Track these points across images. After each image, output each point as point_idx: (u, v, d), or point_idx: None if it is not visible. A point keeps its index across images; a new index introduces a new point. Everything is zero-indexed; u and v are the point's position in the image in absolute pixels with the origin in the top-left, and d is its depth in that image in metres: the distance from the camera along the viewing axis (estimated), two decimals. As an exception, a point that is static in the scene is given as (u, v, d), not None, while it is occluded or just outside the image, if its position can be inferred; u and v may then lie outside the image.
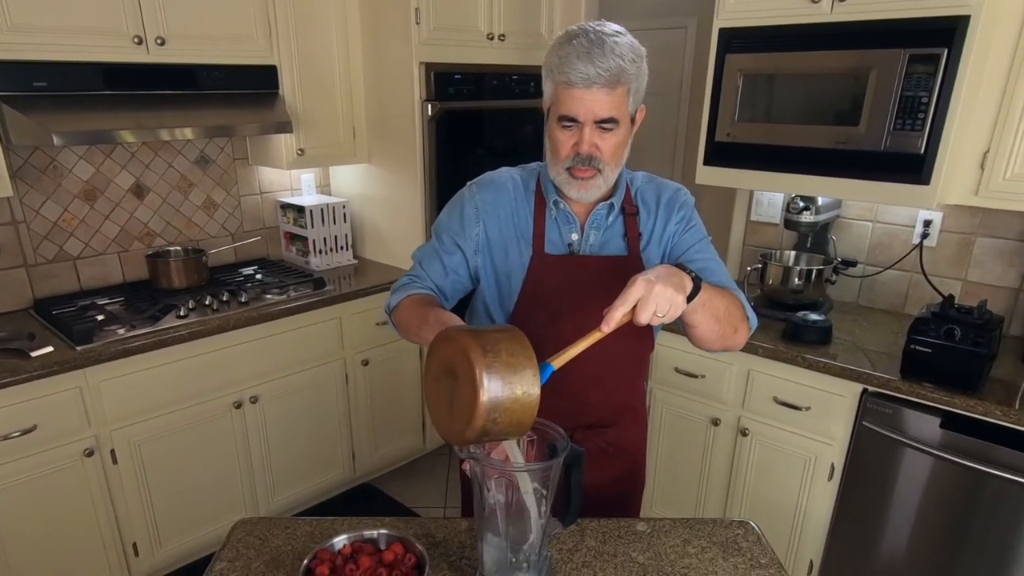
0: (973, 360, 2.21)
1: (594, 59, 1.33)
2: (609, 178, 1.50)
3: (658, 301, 1.18)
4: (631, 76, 1.38)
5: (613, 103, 1.38)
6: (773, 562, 1.50)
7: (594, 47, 1.33)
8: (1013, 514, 2.20)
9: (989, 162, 2.32)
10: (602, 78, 1.34)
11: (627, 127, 1.46)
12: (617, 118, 1.41)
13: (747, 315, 1.55)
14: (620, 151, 1.48)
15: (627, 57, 1.35)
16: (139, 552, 2.79)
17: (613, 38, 1.36)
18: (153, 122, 2.68)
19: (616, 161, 1.48)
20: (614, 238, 1.60)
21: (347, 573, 1.29)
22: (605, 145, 1.43)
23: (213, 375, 2.85)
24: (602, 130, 1.42)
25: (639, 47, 1.41)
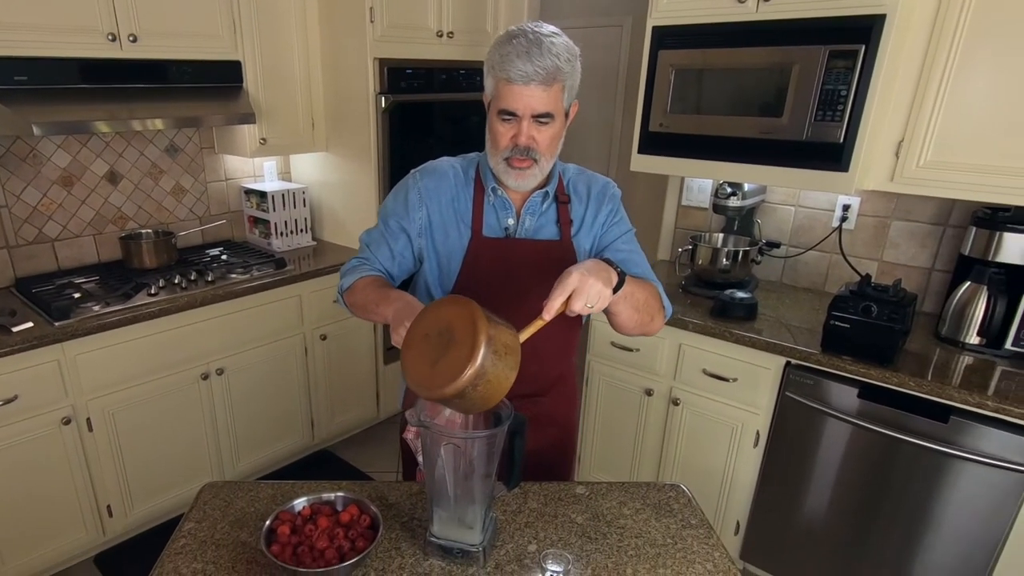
0: (888, 335, 2.25)
1: (532, 58, 1.40)
2: (544, 168, 1.55)
3: (589, 293, 1.26)
4: (566, 74, 1.45)
5: (549, 99, 1.45)
6: (703, 523, 1.54)
7: (532, 47, 1.40)
8: (925, 478, 2.23)
9: (903, 151, 2.36)
10: (539, 76, 1.41)
11: (562, 121, 1.52)
12: (553, 113, 1.47)
13: (663, 305, 1.63)
14: (555, 143, 1.54)
15: (563, 57, 1.43)
16: (113, 513, 2.85)
17: (550, 39, 1.43)
18: (126, 113, 2.73)
19: (551, 152, 1.55)
20: (548, 224, 1.65)
21: (307, 533, 1.33)
22: (541, 137, 1.50)
23: (182, 349, 2.89)
24: (539, 123, 1.48)
25: (573, 47, 1.49)
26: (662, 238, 3.53)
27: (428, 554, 1.39)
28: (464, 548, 1.36)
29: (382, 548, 1.41)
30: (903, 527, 2.34)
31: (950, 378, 2.21)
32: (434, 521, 1.38)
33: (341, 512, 1.41)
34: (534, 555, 1.41)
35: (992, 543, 2.18)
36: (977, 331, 2.39)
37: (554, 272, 1.39)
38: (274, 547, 1.30)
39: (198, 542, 1.44)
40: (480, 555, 1.37)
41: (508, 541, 1.45)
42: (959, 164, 2.28)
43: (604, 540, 1.47)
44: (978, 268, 2.38)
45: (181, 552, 1.41)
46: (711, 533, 1.52)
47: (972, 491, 2.17)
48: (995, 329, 2.37)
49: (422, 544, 1.41)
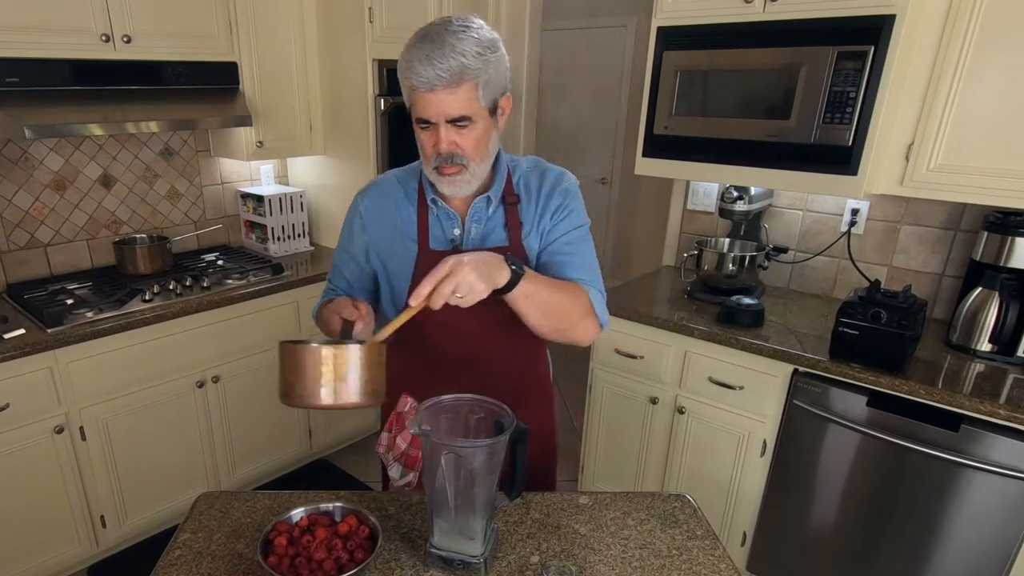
0: (898, 342, 2.24)
1: (434, 62, 1.33)
2: (477, 171, 1.49)
3: (459, 282, 1.24)
4: (476, 71, 1.36)
5: (460, 101, 1.38)
6: (708, 533, 1.54)
7: (435, 49, 1.33)
8: (935, 488, 2.22)
9: (913, 154, 2.35)
10: (443, 79, 1.34)
11: (485, 120, 1.45)
12: (468, 115, 1.40)
13: (594, 313, 1.59)
14: (482, 145, 1.47)
15: (470, 53, 1.34)
16: (106, 524, 2.88)
17: (456, 35, 1.35)
18: (120, 116, 2.75)
19: (480, 155, 1.48)
20: (496, 229, 1.58)
21: (304, 544, 1.32)
22: (464, 141, 1.44)
23: (177, 356, 2.90)
24: (457, 127, 1.42)
25: (486, 39, 1.39)
26: (667, 243, 3.53)
27: (428, 565, 1.39)
28: (465, 559, 1.36)
29: (381, 559, 1.41)
30: (913, 538, 2.33)
31: (961, 386, 2.20)
32: (434, 532, 1.38)
33: (339, 523, 1.41)
34: (537, 567, 1.41)
35: (1004, 554, 2.18)
36: (989, 338, 2.39)
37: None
38: (271, 559, 1.30)
39: (193, 553, 1.44)
40: (481, 566, 1.37)
41: (510, 552, 1.45)
42: (970, 167, 2.27)
43: (608, 551, 1.47)
44: (990, 274, 2.37)
45: (176, 563, 1.41)
46: (717, 544, 1.52)
47: (983, 501, 2.17)
48: (1007, 336, 2.37)
49: (422, 555, 1.41)
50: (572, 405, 4.49)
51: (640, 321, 2.81)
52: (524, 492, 1.52)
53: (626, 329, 2.87)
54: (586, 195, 1.71)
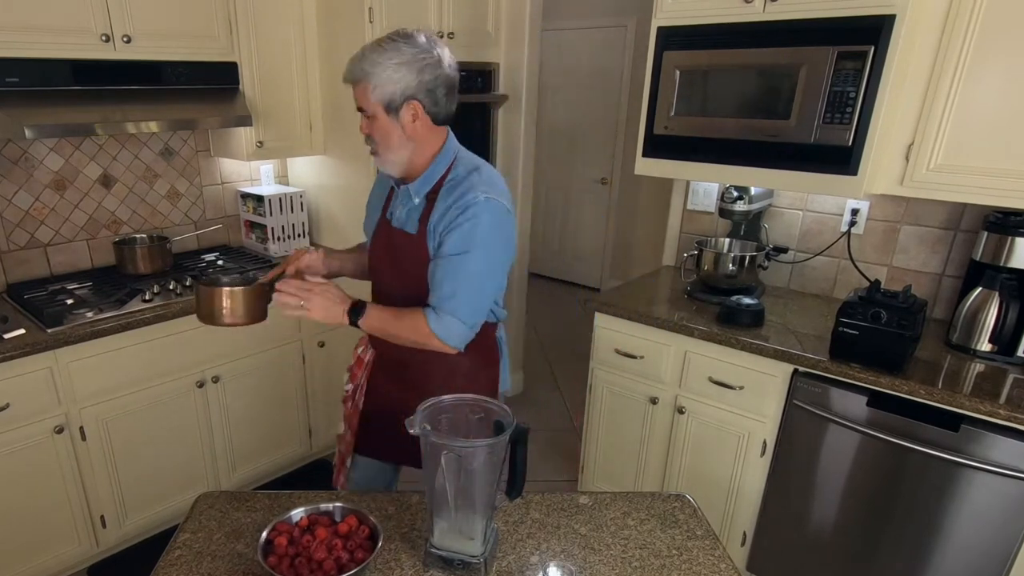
0: (898, 342, 2.24)
1: (351, 61, 1.72)
2: (388, 159, 1.81)
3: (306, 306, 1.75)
4: (368, 75, 1.69)
5: (359, 96, 1.74)
6: (708, 533, 1.55)
7: (358, 52, 1.71)
8: (935, 488, 2.23)
9: (913, 154, 2.36)
10: (349, 76, 1.73)
11: (384, 119, 1.74)
12: (365, 109, 1.74)
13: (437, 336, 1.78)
14: (387, 138, 1.76)
15: (372, 59, 1.68)
16: (107, 524, 2.86)
17: (375, 44, 1.70)
18: (120, 116, 2.73)
19: (386, 146, 1.78)
20: (413, 219, 1.85)
21: (304, 544, 1.34)
22: (371, 130, 1.78)
23: (177, 356, 2.89)
24: (365, 116, 1.76)
25: (405, 51, 1.68)
26: (667, 243, 3.53)
27: (428, 565, 1.40)
28: (465, 559, 1.37)
29: (381, 559, 1.42)
30: (913, 538, 2.34)
31: (961, 386, 2.21)
32: (434, 532, 1.39)
33: (340, 523, 1.42)
34: (536, 566, 1.42)
35: (1004, 554, 2.18)
36: (989, 338, 2.39)
37: (408, 263, 1.86)
38: (271, 559, 1.31)
39: (193, 553, 1.45)
40: (481, 566, 1.37)
41: (510, 552, 1.46)
42: (970, 167, 2.28)
43: (608, 551, 1.48)
44: (990, 274, 2.37)
45: (176, 564, 1.42)
46: (717, 544, 1.53)
47: (983, 501, 2.17)
48: (1007, 336, 2.37)
49: (422, 555, 1.42)
50: (572, 405, 4.49)
51: (640, 321, 2.81)
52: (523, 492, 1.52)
53: (626, 329, 2.88)
54: (586, 195, 1.75)
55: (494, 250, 1.81)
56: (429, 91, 1.73)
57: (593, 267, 6.91)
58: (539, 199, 6.84)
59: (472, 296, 1.79)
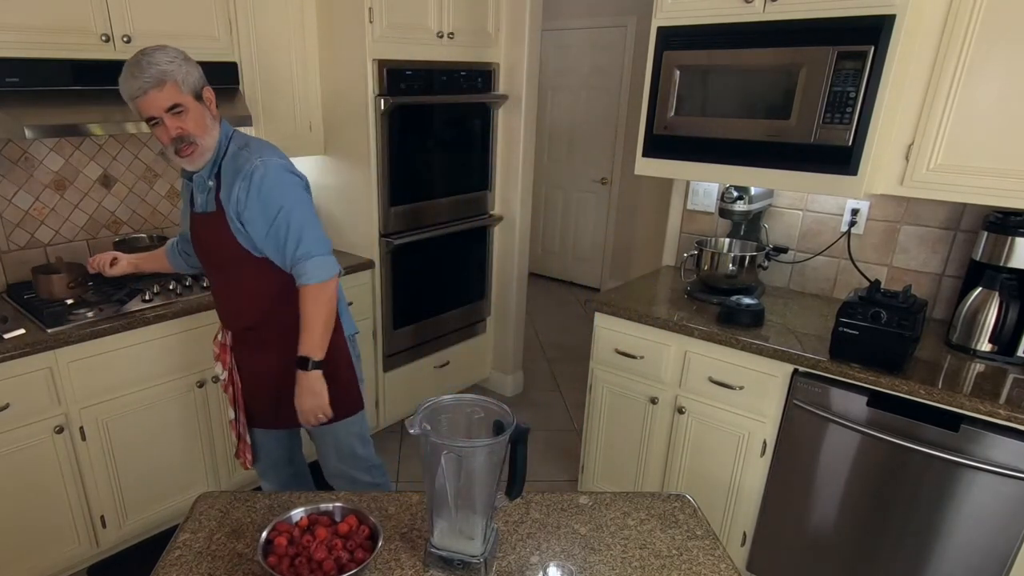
0: (898, 342, 2.24)
1: (137, 75, 1.81)
2: (206, 144, 1.97)
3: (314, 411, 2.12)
4: (172, 73, 1.84)
5: (167, 95, 1.85)
6: (708, 533, 1.55)
7: (135, 68, 1.81)
8: (935, 488, 2.23)
9: (913, 154, 2.36)
10: (150, 83, 1.81)
11: (196, 106, 1.92)
12: (179, 103, 1.87)
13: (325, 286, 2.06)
14: (202, 123, 1.94)
15: (163, 61, 1.83)
16: (107, 524, 2.86)
17: (149, 55, 1.83)
18: (120, 116, 2.71)
19: (202, 130, 1.94)
20: (211, 199, 2.05)
21: (304, 544, 1.34)
22: (185, 124, 1.90)
23: (177, 356, 2.89)
24: (175, 115, 1.88)
25: (173, 51, 1.88)
26: (667, 243, 3.53)
27: (428, 565, 1.40)
28: (465, 559, 1.37)
29: (381, 559, 1.42)
30: (913, 538, 2.34)
31: (961, 386, 2.20)
32: (434, 532, 1.39)
33: (340, 523, 1.42)
34: (536, 567, 1.42)
35: (1004, 554, 2.18)
36: (989, 338, 2.39)
37: (214, 239, 2.07)
38: (271, 558, 1.31)
39: (193, 553, 1.45)
40: (481, 566, 1.37)
41: (510, 552, 1.46)
42: (971, 168, 2.28)
43: (608, 551, 1.48)
44: (990, 274, 2.37)
45: (176, 563, 1.42)
46: (717, 544, 1.53)
47: (983, 501, 2.17)
48: (1007, 336, 2.37)
49: (422, 555, 1.42)
50: (572, 405, 4.49)
51: (640, 321, 2.81)
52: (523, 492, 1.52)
53: (626, 329, 2.88)
54: (586, 195, 1.75)
55: (297, 193, 2.03)
56: (207, 80, 1.99)
57: (593, 267, 6.90)
58: (539, 199, 6.85)
59: (311, 233, 2.03)
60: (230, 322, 2.26)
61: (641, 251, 6.31)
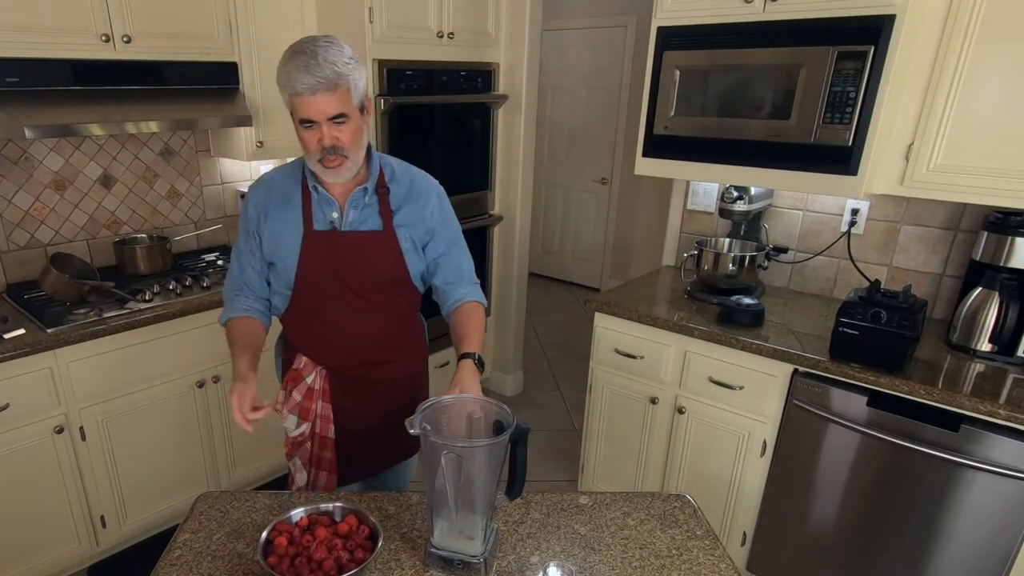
0: (898, 342, 2.24)
1: (312, 71, 1.58)
2: (356, 159, 1.75)
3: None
4: (347, 77, 1.63)
5: (338, 101, 1.63)
6: (708, 533, 1.55)
7: (311, 60, 1.59)
8: (935, 488, 2.23)
9: (913, 154, 2.36)
10: (323, 84, 1.59)
11: (358, 117, 1.71)
12: (345, 112, 1.66)
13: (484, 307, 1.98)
14: (359, 137, 1.73)
15: (340, 62, 1.62)
16: (107, 524, 2.86)
17: (325, 50, 1.61)
18: (120, 116, 2.73)
19: (356, 145, 1.73)
20: (371, 216, 1.85)
21: (304, 544, 1.34)
22: (343, 135, 1.69)
23: (177, 356, 2.89)
24: (336, 124, 1.66)
25: (349, 52, 1.67)
26: (667, 243, 3.53)
27: (428, 565, 1.40)
28: (465, 559, 1.37)
29: (381, 559, 1.42)
30: (913, 538, 2.34)
31: (961, 386, 2.20)
32: (435, 532, 1.39)
33: (340, 523, 1.42)
34: (537, 566, 1.42)
35: (1004, 554, 2.18)
36: (988, 338, 2.39)
37: (378, 260, 1.85)
38: (271, 558, 1.31)
39: (193, 553, 1.45)
40: (481, 566, 1.37)
41: (510, 552, 1.46)
42: (970, 168, 2.28)
43: (608, 551, 1.48)
44: (990, 274, 2.37)
45: (176, 564, 1.42)
46: (717, 544, 1.53)
47: (983, 501, 2.17)
48: (1007, 336, 2.37)
49: (422, 555, 1.42)
50: (572, 405, 4.49)
51: (640, 321, 2.81)
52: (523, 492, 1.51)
53: (626, 329, 2.88)
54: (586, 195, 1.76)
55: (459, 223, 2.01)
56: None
57: (593, 267, 6.90)
58: (539, 199, 6.84)
59: (469, 256, 2.03)
60: (352, 356, 1.96)
61: (641, 251, 6.31)
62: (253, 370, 1.81)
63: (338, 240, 1.84)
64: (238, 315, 1.96)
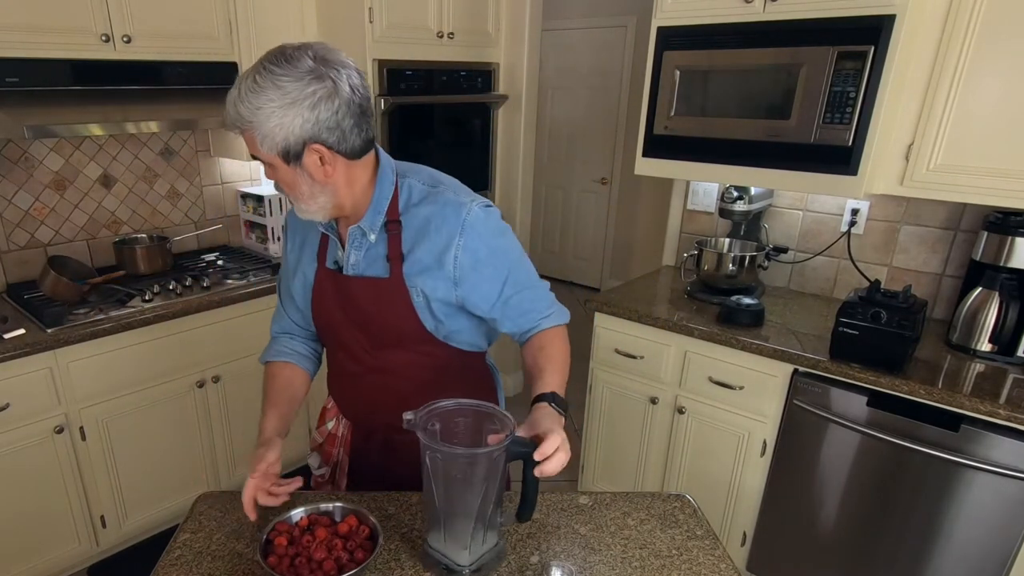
0: (898, 342, 2.24)
1: (227, 107, 1.29)
2: (305, 207, 1.39)
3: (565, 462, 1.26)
4: (249, 124, 1.27)
5: (248, 144, 1.32)
6: (708, 533, 1.53)
7: (232, 90, 1.28)
8: (935, 488, 2.23)
9: (913, 154, 2.36)
10: (228, 124, 1.30)
11: (284, 168, 1.33)
12: (258, 157, 1.33)
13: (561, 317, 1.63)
14: (295, 188, 1.36)
15: (245, 104, 1.25)
16: (107, 524, 2.87)
17: (251, 79, 1.26)
18: (120, 116, 2.73)
19: (295, 194, 1.38)
20: (377, 259, 1.50)
21: (304, 544, 1.33)
22: (276, 178, 1.37)
23: (177, 356, 2.89)
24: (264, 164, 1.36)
25: (262, 94, 1.24)
26: (667, 243, 3.53)
27: (423, 563, 1.39)
28: (451, 566, 1.34)
29: (381, 559, 1.41)
30: (913, 538, 2.34)
31: (961, 386, 2.20)
32: (429, 531, 1.38)
33: (339, 523, 1.42)
34: (537, 567, 1.41)
35: (1004, 554, 2.18)
36: (989, 338, 2.39)
37: (391, 313, 1.51)
38: (271, 558, 1.31)
39: (193, 553, 1.44)
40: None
41: (510, 552, 1.45)
42: (971, 168, 2.28)
43: (608, 551, 1.47)
44: (990, 274, 2.37)
45: (176, 563, 1.41)
46: (717, 544, 1.52)
47: (983, 501, 2.17)
48: (1007, 336, 2.37)
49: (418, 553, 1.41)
50: (572, 405, 4.48)
51: (640, 321, 2.81)
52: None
53: (626, 329, 2.88)
54: (586, 195, 1.70)
55: (517, 246, 1.58)
56: (331, 128, 1.30)
57: (593, 267, 6.90)
58: (539, 199, 6.83)
59: (540, 287, 1.62)
60: (375, 417, 1.69)
61: (641, 251, 6.30)
62: (280, 434, 1.57)
63: (343, 283, 1.56)
64: (276, 358, 1.73)
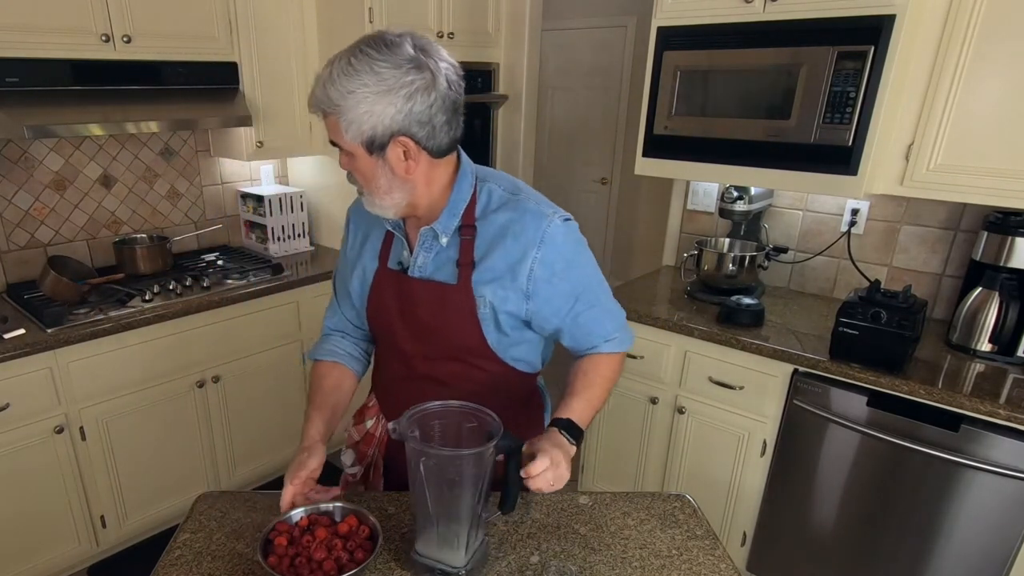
0: (898, 342, 2.24)
1: (316, 87, 1.27)
2: (379, 201, 1.37)
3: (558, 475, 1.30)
4: (336, 108, 1.25)
5: (331, 129, 1.29)
6: (708, 533, 1.53)
7: (324, 74, 1.27)
8: (935, 488, 2.23)
9: (913, 154, 2.36)
10: (313, 104, 1.29)
11: (365, 158, 1.30)
12: (339, 144, 1.31)
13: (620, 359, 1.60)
14: (369, 180, 1.34)
15: (336, 88, 1.23)
16: (106, 524, 2.87)
17: (345, 62, 1.24)
18: (120, 116, 2.73)
19: (371, 187, 1.35)
20: (446, 263, 1.45)
21: (304, 544, 1.32)
22: (352, 167, 1.34)
23: (177, 356, 2.90)
24: (343, 152, 1.33)
25: (356, 78, 1.23)
26: (667, 243, 3.53)
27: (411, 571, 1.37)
28: (445, 569, 1.34)
29: (381, 559, 1.41)
30: (913, 538, 2.34)
31: (961, 386, 2.20)
32: (418, 538, 1.37)
33: (339, 523, 1.41)
34: (537, 567, 1.41)
35: (1004, 554, 2.18)
36: (989, 338, 2.39)
37: (451, 322, 1.47)
38: (271, 558, 1.30)
39: (193, 553, 1.44)
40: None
41: (510, 552, 1.45)
42: (970, 168, 2.27)
43: (608, 551, 1.47)
44: (989, 274, 2.37)
45: (176, 563, 1.41)
46: (717, 544, 1.52)
47: (983, 501, 2.17)
48: (1007, 336, 2.37)
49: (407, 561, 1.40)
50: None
51: (640, 321, 2.80)
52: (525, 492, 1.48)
53: (626, 329, 2.87)
54: (586, 195, 1.69)
55: (594, 262, 1.55)
56: (423, 122, 1.28)
57: (593, 267, 6.87)
58: (539, 199, 6.81)
59: (611, 306, 1.58)
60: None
61: (641, 251, 6.29)
62: (323, 439, 1.53)
63: (405, 284, 1.50)
64: (327, 358, 1.69)
